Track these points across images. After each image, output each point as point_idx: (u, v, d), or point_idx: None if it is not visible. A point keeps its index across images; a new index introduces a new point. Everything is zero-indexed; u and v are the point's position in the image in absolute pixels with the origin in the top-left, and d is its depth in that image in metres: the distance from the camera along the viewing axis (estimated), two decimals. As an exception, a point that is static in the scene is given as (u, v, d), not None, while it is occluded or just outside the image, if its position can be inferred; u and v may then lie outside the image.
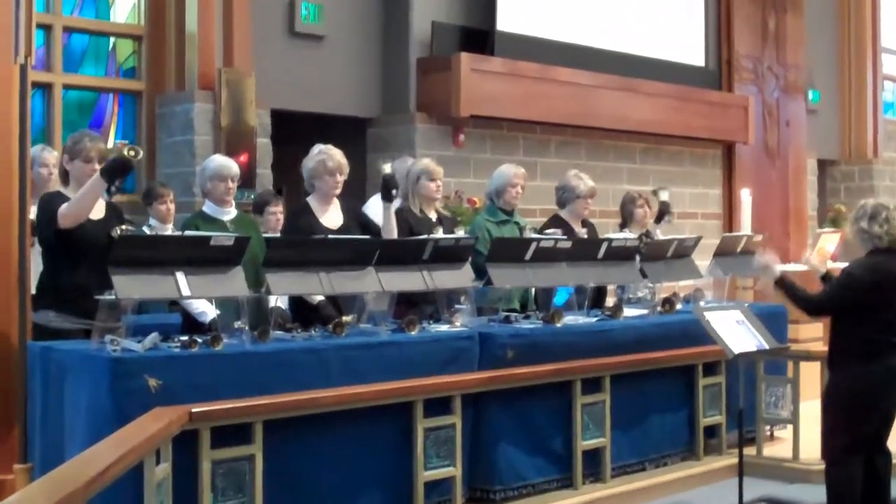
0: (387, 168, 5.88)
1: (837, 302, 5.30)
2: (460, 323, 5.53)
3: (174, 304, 5.64)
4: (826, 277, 5.67)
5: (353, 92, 9.40)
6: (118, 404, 4.16)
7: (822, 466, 5.45)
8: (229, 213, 5.58)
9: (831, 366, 5.40)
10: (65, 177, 5.22)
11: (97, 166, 5.12)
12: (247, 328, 4.69)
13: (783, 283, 5.50)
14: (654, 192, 7.72)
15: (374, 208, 7.00)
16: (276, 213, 6.77)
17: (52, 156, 6.22)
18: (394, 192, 5.87)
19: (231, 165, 5.63)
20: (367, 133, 9.60)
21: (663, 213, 7.64)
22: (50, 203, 4.96)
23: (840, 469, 5.26)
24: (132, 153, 4.81)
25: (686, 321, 6.22)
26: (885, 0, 15.10)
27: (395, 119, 9.47)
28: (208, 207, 5.57)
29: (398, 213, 6.27)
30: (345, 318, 5.13)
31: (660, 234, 7.43)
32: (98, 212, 5.18)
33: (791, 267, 9.25)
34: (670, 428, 6.33)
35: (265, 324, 4.86)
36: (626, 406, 5.99)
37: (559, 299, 6.44)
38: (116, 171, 4.88)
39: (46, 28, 8.00)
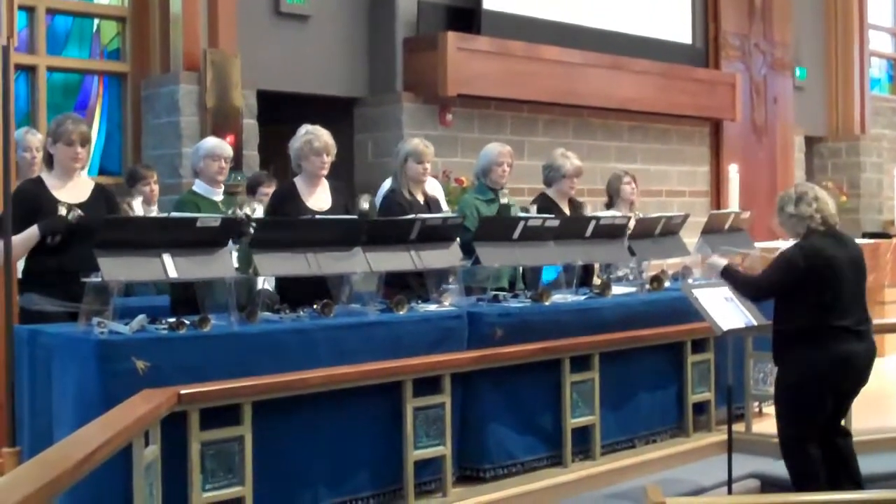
0: (364, 204, 5.82)
1: (776, 286, 5.23)
2: (449, 302, 5.53)
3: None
4: (727, 273, 5.65)
5: (339, 72, 9.37)
6: (106, 387, 4.15)
7: (781, 454, 5.41)
8: (219, 194, 5.60)
9: (775, 354, 5.33)
10: (49, 160, 5.20)
11: (80, 149, 5.12)
12: (235, 309, 4.68)
13: (727, 273, 5.51)
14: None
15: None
16: (269, 194, 6.75)
17: (35, 139, 6.19)
18: None
19: (225, 146, 5.78)
20: (354, 113, 9.58)
21: None
22: (21, 200, 4.94)
23: (796, 457, 5.20)
24: (73, 216, 5.01)
25: (674, 298, 6.23)
26: (872, -24, 15.13)
27: (382, 99, 9.45)
28: (199, 187, 5.60)
29: (388, 195, 6.26)
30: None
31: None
32: (82, 194, 5.16)
33: (781, 244, 9.28)
34: (659, 405, 6.34)
35: (253, 304, 4.85)
36: (615, 384, 6.00)
37: (547, 276, 6.43)
38: (55, 230, 5.00)
39: (29, 10, 7.95)
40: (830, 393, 5.18)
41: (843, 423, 5.45)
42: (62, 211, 5.01)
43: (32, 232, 4.98)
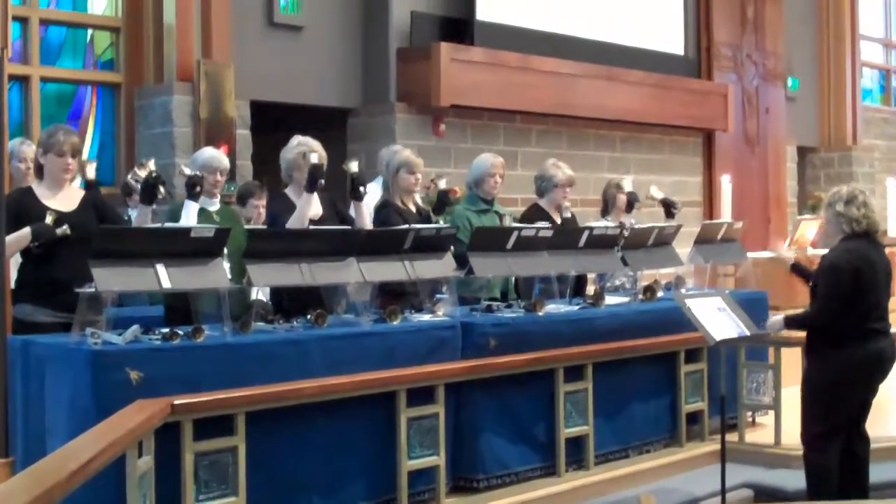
0: (353, 166, 5.84)
1: (835, 303, 5.23)
2: (442, 312, 5.53)
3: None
4: (796, 267, 5.71)
5: (332, 82, 9.38)
6: (99, 397, 4.14)
7: (802, 452, 5.47)
8: (215, 204, 5.61)
9: (808, 352, 5.41)
10: (39, 171, 5.21)
11: (70, 160, 5.13)
12: (228, 319, 4.68)
13: (792, 324, 5.51)
14: (618, 186, 7.53)
15: (370, 195, 6.98)
16: (259, 206, 6.76)
17: (30, 149, 6.19)
18: (361, 188, 5.82)
19: (221, 158, 5.74)
20: (348, 123, 9.59)
21: (632, 203, 7.45)
22: (7, 207, 4.90)
23: (818, 455, 5.28)
24: (61, 231, 5.02)
25: (667, 309, 6.23)
26: (864, -13, 15.21)
27: (376, 109, 9.46)
28: (194, 197, 5.58)
29: (382, 204, 6.27)
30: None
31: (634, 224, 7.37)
32: (72, 203, 5.17)
33: (771, 254, 9.31)
34: (653, 415, 6.35)
35: (247, 315, 4.85)
36: (608, 394, 6.00)
37: None
38: (47, 237, 5.00)
39: (23, 20, 7.96)
40: (861, 391, 5.29)
41: (864, 427, 5.49)
42: (48, 219, 5.00)
43: (24, 233, 4.96)
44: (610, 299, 6.42)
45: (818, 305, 5.35)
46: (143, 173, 5.24)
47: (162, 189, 5.19)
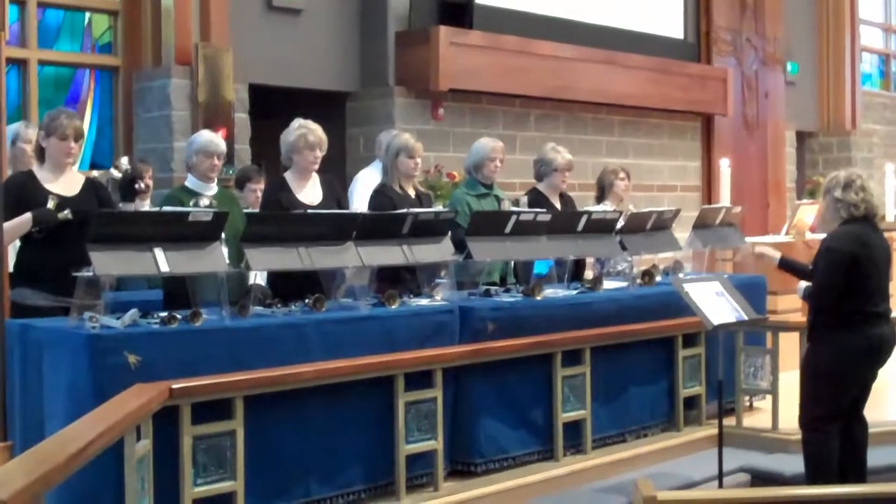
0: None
1: (834, 284, 5.24)
2: (441, 297, 5.53)
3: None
4: (784, 262, 5.71)
5: (331, 66, 9.35)
6: (98, 381, 4.14)
7: (801, 436, 5.49)
8: (212, 189, 5.59)
9: (811, 336, 5.42)
10: (40, 154, 5.20)
11: (73, 144, 5.12)
12: (226, 304, 4.68)
13: (806, 294, 5.47)
14: (614, 172, 7.54)
15: (364, 182, 6.99)
16: (257, 190, 6.75)
17: (35, 132, 6.19)
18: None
19: (219, 143, 5.68)
20: (346, 107, 9.57)
21: None
22: (9, 189, 4.90)
23: (818, 438, 5.31)
24: (63, 215, 5.03)
25: (666, 293, 6.24)
26: (863, -28, 15.16)
27: (374, 93, 9.44)
28: (191, 182, 5.58)
29: (379, 189, 6.27)
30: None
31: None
32: (73, 188, 5.16)
33: (769, 239, 9.32)
34: (650, 399, 6.36)
35: (245, 299, 4.85)
36: (606, 378, 6.01)
37: (540, 268, 6.44)
38: (49, 221, 5.01)
39: (20, 3, 7.93)
40: (862, 374, 5.32)
41: (863, 411, 5.52)
42: (50, 203, 5.00)
43: (25, 219, 4.96)
44: (608, 284, 6.42)
45: (817, 287, 5.36)
46: (118, 174, 5.24)
47: (142, 184, 5.19)
